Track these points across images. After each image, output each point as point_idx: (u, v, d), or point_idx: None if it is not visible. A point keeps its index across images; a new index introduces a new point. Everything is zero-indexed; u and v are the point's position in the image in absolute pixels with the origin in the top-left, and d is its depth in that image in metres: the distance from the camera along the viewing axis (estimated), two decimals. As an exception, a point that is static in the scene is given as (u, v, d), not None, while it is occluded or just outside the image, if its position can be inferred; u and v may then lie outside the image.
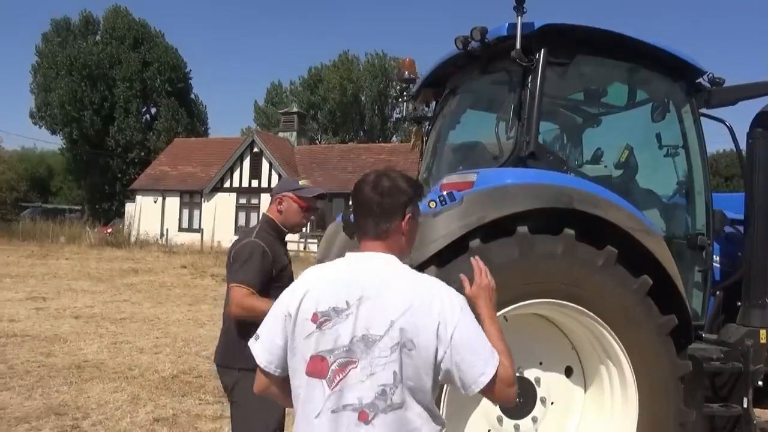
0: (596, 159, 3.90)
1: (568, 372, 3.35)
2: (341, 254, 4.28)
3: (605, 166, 3.90)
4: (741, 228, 3.95)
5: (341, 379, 1.65)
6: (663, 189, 4.03)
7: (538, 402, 3.24)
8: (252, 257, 2.93)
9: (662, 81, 3.82)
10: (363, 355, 1.64)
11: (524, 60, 3.29)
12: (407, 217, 1.81)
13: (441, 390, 2.83)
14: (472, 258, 2.04)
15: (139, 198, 31.32)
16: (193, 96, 47.34)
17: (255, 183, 29.33)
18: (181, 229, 30.14)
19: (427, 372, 1.66)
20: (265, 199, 28.86)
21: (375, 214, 1.79)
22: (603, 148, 3.93)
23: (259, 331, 1.83)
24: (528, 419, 3.22)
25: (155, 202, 30.80)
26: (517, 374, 3.20)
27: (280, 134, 33.25)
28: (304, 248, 28.10)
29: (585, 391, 3.35)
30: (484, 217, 2.87)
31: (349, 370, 1.64)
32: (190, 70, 46.55)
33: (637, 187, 3.85)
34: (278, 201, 3.14)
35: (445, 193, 2.95)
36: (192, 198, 30.67)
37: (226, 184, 29.89)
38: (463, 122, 4.37)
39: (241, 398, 2.98)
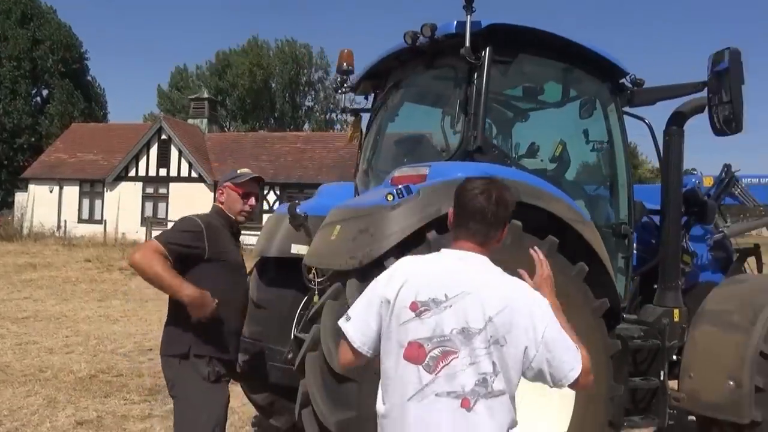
0: (533, 153, 4.12)
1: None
2: (285, 247, 4.26)
3: (541, 160, 4.13)
4: (656, 218, 4.33)
5: (443, 367, 1.78)
6: (590, 181, 4.32)
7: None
8: (181, 226, 3.01)
9: (591, 80, 4.08)
10: (463, 346, 1.79)
11: (472, 57, 3.41)
12: (506, 227, 2.02)
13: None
14: (531, 250, 2.19)
15: (32, 187, 29.01)
16: (89, 78, 44.33)
17: (163, 171, 28.01)
18: (80, 221, 28.27)
19: (515, 367, 1.81)
20: (175, 188, 27.70)
21: (489, 222, 1.95)
22: (538, 142, 4.16)
23: (350, 312, 1.97)
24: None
25: (51, 191, 28.67)
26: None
27: (190, 121, 31.93)
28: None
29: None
30: (441, 209, 2.96)
31: (451, 360, 1.78)
32: (86, 51, 43.57)
33: (568, 180, 4.11)
34: (220, 193, 3.26)
35: (401, 186, 3.02)
36: (93, 187, 28.81)
37: (131, 173, 28.33)
38: (405, 115, 4.44)
39: (182, 392, 2.98)
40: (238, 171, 3.32)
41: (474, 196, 1.95)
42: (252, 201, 3.26)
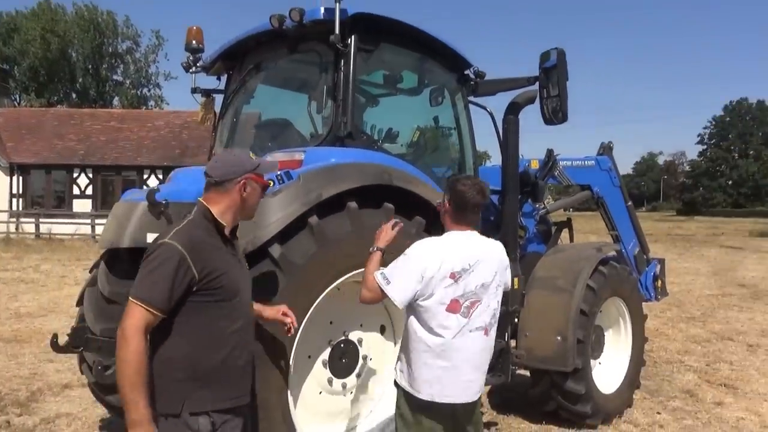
0: (393, 138, 4.33)
1: (382, 330, 3.75)
2: (140, 236, 4.01)
3: (401, 145, 4.36)
4: (494, 197, 4.81)
5: (473, 312, 2.67)
6: (440, 164, 4.66)
7: (361, 360, 3.57)
8: (158, 266, 2.17)
9: (441, 70, 4.39)
10: (483, 296, 2.69)
11: (341, 44, 3.48)
12: None
13: (288, 358, 2.96)
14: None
15: None
16: None
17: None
18: None
19: (500, 299, 2.81)
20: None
21: (479, 211, 2.82)
22: (397, 128, 4.38)
23: (389, 276, 2.64)
24: (353, 376, 3.54)
25: None
26: (343, 337, 3.49)
27: (-31, 92, 27.45)
28: (16, 228, 24.05)
29: (395, 345, 3.79)
30: (322, 194, 3.03)
31: (477, 306, 2.68)
32: None
33: (423, 163, 4.40)
34: (240, 185, 2.38)
35: (281, 172, 3.02)
36: None
37: None
38: (264, 98, 4.38)
39: None
40: (252, 156, 2.51)
41: (472, 195, 2.71)
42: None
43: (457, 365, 2.63)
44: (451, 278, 2.60)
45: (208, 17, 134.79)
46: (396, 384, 2.80)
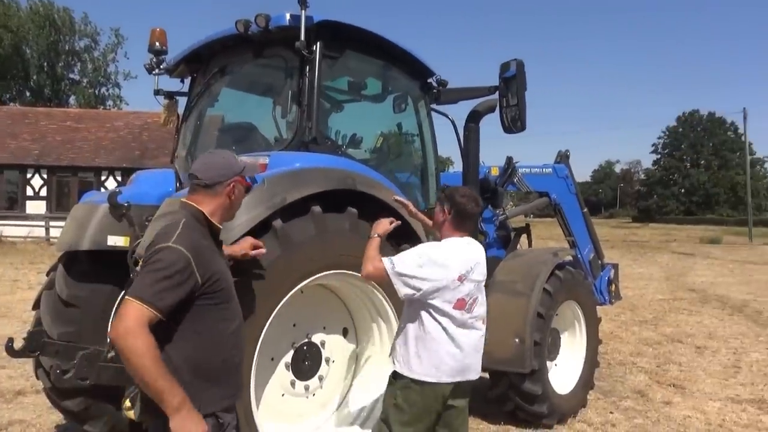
0: (357, 144, 4.40)
1: (345, 332, 3.81)
2: (101, 239, 3.96)
3: (365, 151, 4.43)
4: None
5: (474, 307, 3.06)
6: (403, 170, 4.74)
7: (323, 362, 3.62)
8: (165, 267, 2.13)
9: (405, 78, 4.49)
10: (478, 292, 3.10)
11: (306, 51, 3.53)
12: None
13: (251, 361, 2.99)
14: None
15: None
16: None
17: None
18: None
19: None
20: None
21: (476, 219, 3.42)
22: (361, 134, 4.45)
23: (399, 268, 2.94)
24: (315, 379, 3.59)
25: None
26: (307, 339, 3.54)
27: None
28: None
29: (357, 347, 3.85)
30: (286, 198, 3.07)
31: (477, 301, 3.07)
32: None
33: (386, 169, 4.48)
34: (228, 188, 2.39)
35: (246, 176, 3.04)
36: None
37: None
38: (228, 103, 4.39)
39: None
40: (237, 158, 2.51)
41: (472, 206, 3.11)
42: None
43: (462, 349, 3.02)
44: (459, 281, 2.98)
45: (169, 16, 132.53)
46: (395, 375, 3.05)
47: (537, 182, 5.91)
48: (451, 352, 2.97)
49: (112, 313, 3.86)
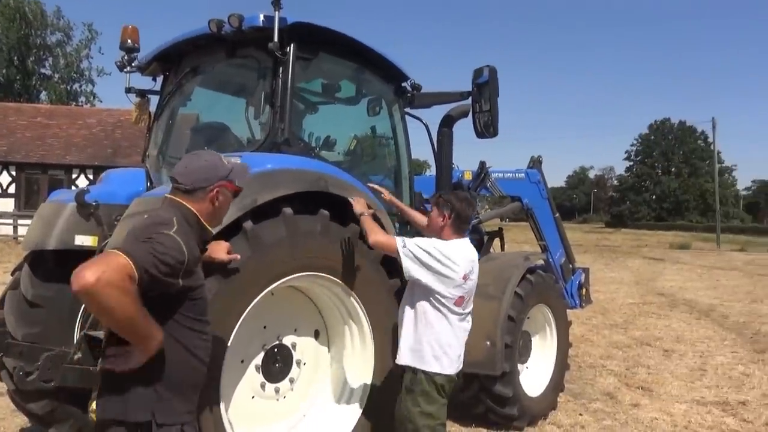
0: (330, 146, 4.39)
1: (316, 335, 3.79)
2: (68, 238, 3.90)
3: (338, 153, 4.43)
4: (429, 206, 4.95)
5: (468, 303, 3.38)
6: (377, 173, 4.75)
7: (294, 365, 3.60)
8: (164, 250, 2.02)
9: (379, 81, 4.49)
10: (472, 290, 3.40)
11: (279, 52, 3.52)
12: None
13: (220, 365, 2.96)
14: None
15: None
16: None
17: None
18: None
19: None
20: None
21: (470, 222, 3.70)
22: (334, 136, 4.44)
23: (412, 251, 3.22)
24: (286, 381, 3.57)
25: None
26: (277, 342, 3.52)
27: None
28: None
29: (329, 350, 3.84)
30: (257, 199, 3.05)
31: (470, 298, 3.39)
32: None
33: (360, 171, 4.48)
34: (212, 194, 2.30)
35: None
36: None
37: None
38: (200, 102, 4.35)
39: None
40: (224, 161, 2.39)
41: (470, 210, 3.45)
42: None
43: (459, 343, 3.36)
44: (463, 279, 3.26)
45: (143, 12, 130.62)
46: (413, 370, 3.29)
47: (510, 187, 5.97)
48: (452, 345, 3.30)
49: (79, 314, 3.80)
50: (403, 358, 3.34)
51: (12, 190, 23.75)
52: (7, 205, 23.45)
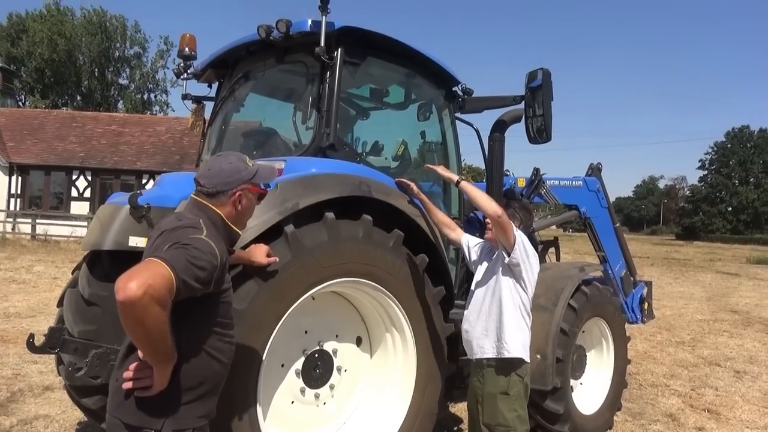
0: (378, 151, 4.36)
1: (358, 341, 3.75)
2: (123, 239, 4.03)
3: (385, 158, 4.39)
4: (480, 213, 4.83)
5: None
6: (426, 179, 4.69)
7: (335, 371, 3.57)
8: (200, 256, 1.99)
9: (429, 86, 4.43)
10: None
11: (326, 56, 3.52)
12: None
13: (259, 368, 2.96)
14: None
15: None
16: None
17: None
18: None
19: None
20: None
21: None
22: (383, 141, 4.41)
23: (526, 244, 3.44)
24: (326, 387, 3.54)
25: None
26: (318, 347, 3.49)
27: (-26, 92, 27.64)
28: (13, 229, 24.07)
29: (371, 357, 3.79)
30: (298, 203, 3.05)
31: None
32: None
33: (408, 177, 4.42)
34: (236, 196, 2.29)
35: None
36: None
37: None
38: (252, 107, 4.42)
39: None
40: (249, 163, 2.35)
41: (532, 218, 3.76)
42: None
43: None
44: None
45: (221, 24, 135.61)
46: (509, 362, 3.37)
47: (566, 195, 5.76)
48: (530, 332, 3.52)
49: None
50: (516, 351, 3.38)
51: (87, 194, 25.10)
52: (83, 208, 24.80)
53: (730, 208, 78.27)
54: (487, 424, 3.36)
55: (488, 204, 3.28)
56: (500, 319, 3.37)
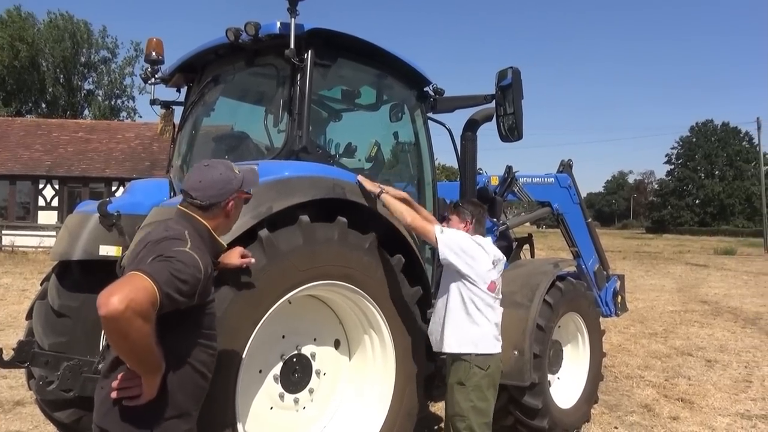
0: (350, 153, 4.35)
1: (337, 344, 3.73)
2: (92, 248, 3.94)
3: (359, 160, 4.38)
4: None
5: (499, 289, 3.64)
6: (400, 180, 4.69)
7: (314, 375, 3.54)
8: (183, 269, 2.00)
9: (400, 87, 4.43)
10: (499, 277, 3.65)
11: (296, 59, 3.50)
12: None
13: (236, 375, 2.92)
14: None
15: None
16: None
17: None
18: None
19: None
20: None
21: None
22: (355, 143, 4.40)
23: (450, 242, 3.50)
24: (305, 391, 3.51)
25: None
26: (296, 351, 3.47)
27: (-68, 100, 26.80)
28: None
29: (350, 359, 3.78)
30: (272, 207, 3.02)
31: (499, 287, 3.65)
32: None
33: (381, 178, 4.42)
34: (229, 205, 2.32)
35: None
36: None
37: None
38: (222, 111, 4.37)
39: None
40: (236, 170, 2.38)
41: (484, 213, 3.77)
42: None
43: (497, 324, 3.60)
44: (492, 265, 3.56)
45: (197, 27, 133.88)
46: (464, 358, 3.45)
47: (538, 192, 5.82)
48: (491, 324, 3.54)
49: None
50: (457, 346, 3.48)
51: (55, 203, 24.53)
52: (51, 217, 24.20)
53: (697, 201, 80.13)
54: (447, 414, 3.61)
55: (400, 214, 3.53)
56: (444, 316, 3.58)
